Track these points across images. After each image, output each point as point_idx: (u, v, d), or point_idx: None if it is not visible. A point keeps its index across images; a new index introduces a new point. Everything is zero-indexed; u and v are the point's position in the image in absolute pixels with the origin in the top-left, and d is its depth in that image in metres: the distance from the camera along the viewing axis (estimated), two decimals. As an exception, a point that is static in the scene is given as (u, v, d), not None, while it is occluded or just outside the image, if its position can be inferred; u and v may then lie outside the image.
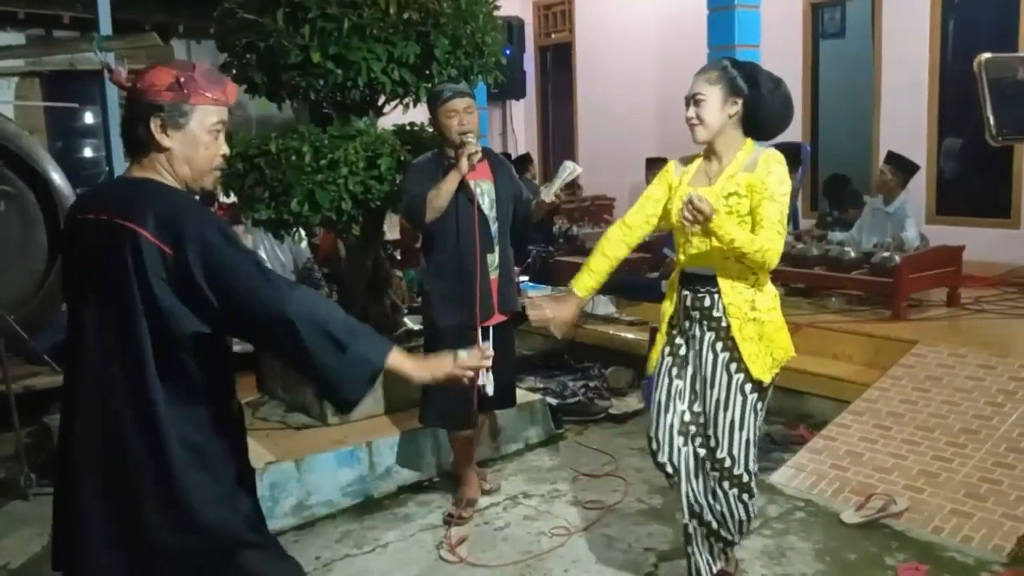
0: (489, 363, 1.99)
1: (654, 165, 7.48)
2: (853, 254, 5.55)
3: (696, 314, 2.81)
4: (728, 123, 2.71)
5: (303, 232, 5.07)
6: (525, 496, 3.97)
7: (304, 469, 3.82)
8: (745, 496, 2.84)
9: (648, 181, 7.76)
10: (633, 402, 5.14)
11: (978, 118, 4.68)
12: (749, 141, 2.76)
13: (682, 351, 2.87)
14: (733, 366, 2.75)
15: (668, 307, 2.92)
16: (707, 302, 2.78)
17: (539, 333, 6.24)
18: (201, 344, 1.81)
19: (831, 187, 7.20)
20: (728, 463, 2.79)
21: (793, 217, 7.46)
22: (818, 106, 8.19)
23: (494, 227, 3.60)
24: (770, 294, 2.80)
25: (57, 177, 4.91)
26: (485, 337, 3.60)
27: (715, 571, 2.94)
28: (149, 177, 1.87)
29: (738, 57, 5.43)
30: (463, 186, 3.45)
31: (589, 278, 2.98)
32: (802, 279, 5.83)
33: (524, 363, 5.67)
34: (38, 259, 4.72)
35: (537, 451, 4.53)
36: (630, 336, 5.82)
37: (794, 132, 7.85)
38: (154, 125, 1.83)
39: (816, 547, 3.39)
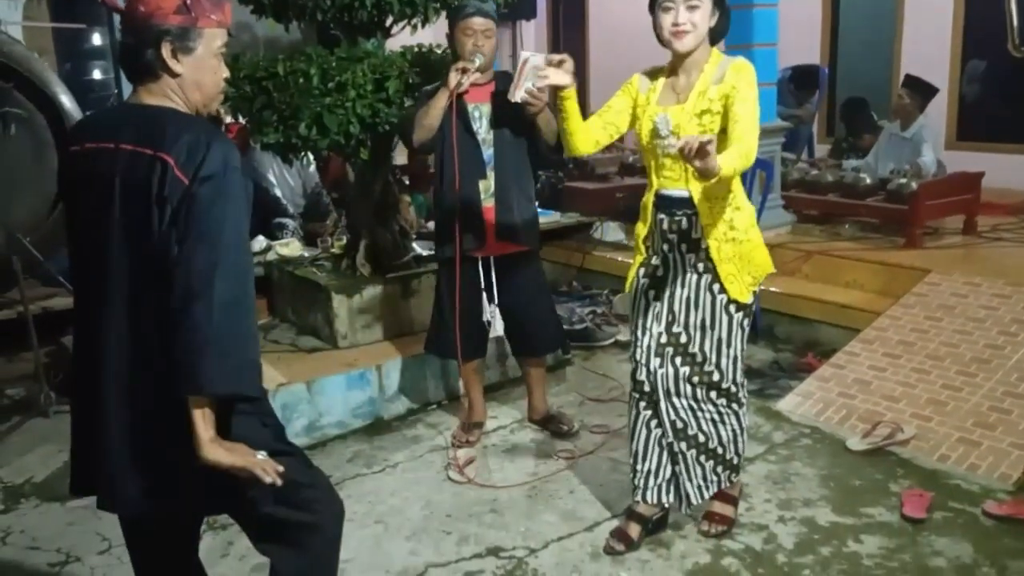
0: (264, 476, 1.78)
1: None
2: (868, 181, 5.47)
3: (674, 237, 2.76)
4: (706, 33, 2.63)
5: (311, 156, 5.04)
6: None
7: (315, 391, 3.87)
8: (735, 405, 2.87)
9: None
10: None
11: (1002, 40, 4.54)
12: (715, 51, 2.68)
13: (659, 272, 2.83)
14: (716, 287, 2.74)
15: (642, 229, 2.85)
16: (684, 224, 2.73)
17: (546, 259, 6.22)
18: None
19: (847, 110, 7.03)
20: (716, 376, 2.82)
21: (808, 143, 7.33)
22: (838, 27, 7.95)
23: (488, 151, 3.43)
24: (747, 212, 2.76)
25: (67, 100, 4.86)
26: (486, 269, 3.53)
27: (707, 496, 2.96)
28: (166, 106, 1.82)
29: (758, -28, 5.28)
30: (455, 109, 3.30)
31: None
32: (815, 206, 5.77)
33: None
34: (49, 182, 4.68)
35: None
36: (639, 263, 5.79)
37: (812, 55, 7.70)
38: (165, 51, 1.77)
39: (821, 473, 3.42)
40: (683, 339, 2.82)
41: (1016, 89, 6.68)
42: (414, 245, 4.72)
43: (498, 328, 3.57)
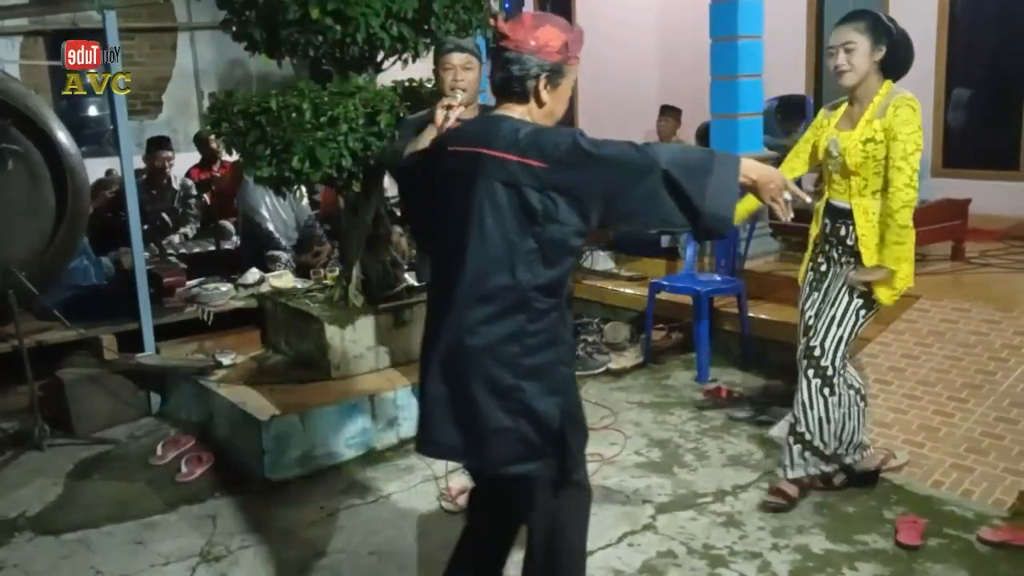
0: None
1: (667, 112, 7.42)
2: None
3: (834, 239, 3.25)
4: (872, 68, 3.05)
5: (304, 189, 5.08)
6: (526, 449, 4.02)
7: (308, 422, 3.88)
8: (826, 390, 3.21)
9: (659, 127, 7.65)
10: (631, 357, 5.16)
11: (987, 68, 4.58)
12: (887, 83, 3.10)
13: (823, 268, 3.32)
14: (852, 272, 3.17)
15: (814, 229, 3.36)
16: (843, 231, 3.20)
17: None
18: (561, 249, 1.97)
19: None
20: (817, 352, 3.20)
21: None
22: (822, 58, 8.04)
23: None
24: None
25: (63, 136, 4.89)
26: None
27: (790, 476, 3.32)
28: (504, 114, 2.05)
29: (741, 6, 5.38)
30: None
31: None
32: (802, 233, 5.76)
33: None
34: (46, 217, 4.72)
35: (538, 405, 4.56)
36: (629, 291, 5.82)
37: (797, 85, 7.77)
38: (541, 83, 2.03)
39: (814, 500, 3.41)
40: (812, 320, 3.27)
41: (1001, 116, 6.76)
42: (406, 276, 4.74)
43: None
